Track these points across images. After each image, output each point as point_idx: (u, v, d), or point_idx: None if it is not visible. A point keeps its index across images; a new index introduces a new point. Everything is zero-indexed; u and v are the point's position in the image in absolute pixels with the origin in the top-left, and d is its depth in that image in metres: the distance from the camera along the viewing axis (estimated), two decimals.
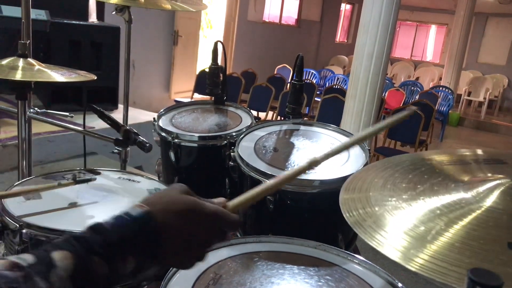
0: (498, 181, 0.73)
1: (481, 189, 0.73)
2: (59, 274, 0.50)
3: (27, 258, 0.51)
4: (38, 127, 3.06)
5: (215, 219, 0.65)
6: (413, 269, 0.59)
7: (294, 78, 1.44)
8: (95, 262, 0.53)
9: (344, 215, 0.76)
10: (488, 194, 0.71)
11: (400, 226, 0.68)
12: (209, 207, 0.65)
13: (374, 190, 0.82)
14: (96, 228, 0.58)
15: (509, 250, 0.59)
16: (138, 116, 4.11)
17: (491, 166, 0.81)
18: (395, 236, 0.66)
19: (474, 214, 0.67)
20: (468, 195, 0.72)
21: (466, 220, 0.66)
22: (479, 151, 0.89)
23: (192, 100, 6.68)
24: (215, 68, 1.60)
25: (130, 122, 2.04)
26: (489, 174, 0.76)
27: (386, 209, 0.74)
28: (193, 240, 0.63)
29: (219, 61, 1.63)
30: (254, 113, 5.95)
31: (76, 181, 1.17)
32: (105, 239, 0.56)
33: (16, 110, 1.51)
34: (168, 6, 1.63)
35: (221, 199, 0.71)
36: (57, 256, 0.52)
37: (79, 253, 0.53)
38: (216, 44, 1.59)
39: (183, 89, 7.38)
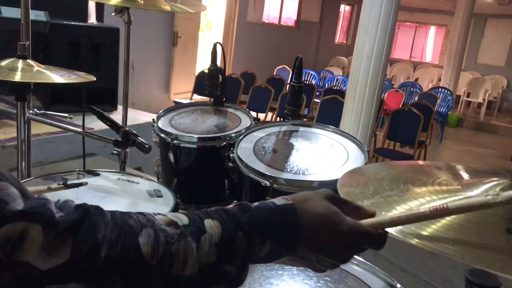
0: (497, 182, 0.74)
1: (481, 187, 0.74)
2: (208, 239, 0.55)
3: (182, 219, 0.56)
4: (37, 128, 3.07)
5: (354, 235, 0.62)
6: (413, 243, 0.60)
7: (293, 80, 1.44)
8: (239, 237, 0.57)
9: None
10: (487, 190, 0.72)
11: (400, 208, 0.69)
12: (348, 222, 0.62)
13: (373, 184, 0.83)
14: (243, 206, 0.61)
15: (508, 235, 0.60)
16: (138, 117, 4.11)
17: (488, 174, 0.83)
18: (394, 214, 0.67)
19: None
20: (468, 191, 0.73)
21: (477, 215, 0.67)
22: (473, 165, 0.91)
23: (192, 101, 6.68)
24: (214, 70, 1.61)
25: (129, 123, 2.04)
26: (486, 179, 0.77)
27: (386, 197, 0.74)
28: (331, 250, 0.62)
29: (218, 63, 1.63)
30: (254, 114, 5.90)
31: (67, 186, 1.17)
32: (251, 218, 0.59)
33: (16, 111, 1.51)
34: (168, 8, 1.63)
35: (370, 212, 0.67)
36: (208, 223, 0.57)
37: (228, 225, 0.57)
38: (215, 45, 1.59)
39: (182, 90, 7.38)
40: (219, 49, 1.59)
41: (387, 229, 0.63)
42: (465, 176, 0.84)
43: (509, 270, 0.53)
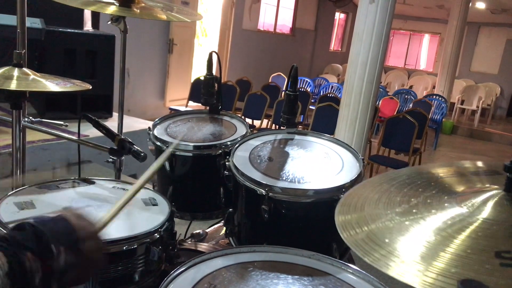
0: (492, 192, 0.74)
1: (474, 201, 0.74)
2: None
3: None
4: (32, 135, 3.05)
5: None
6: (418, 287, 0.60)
7: (288, 89, 1.45)
8: (28, 258, 0.56)
9: (342, 236, 0.76)
10: (481, 206, 0.72)
11: (394, 241, 0.69)
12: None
13: (369, 206, 0.82)
14: (20, 226, 0.62)
15: (496, 259, 0.60)
16: (133, 124, 4.11)
17: (488, 177, 0.83)
18: (389, 252, 0.67)
19: (467, 230, 0.68)
20: (460, 208, 0.73)
21: (459, 236, 0.67)
22: (479, 163, 0.90)
23: (187, 108, 6.68)
24: (210, 78, 1.61)
25: (124, 130, 2.04)
26: (487, 185, 0.77)
27: (380, 225, 0.74)
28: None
29: (214, 71, 1.64)
30: (249, 121, 5.91)
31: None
32: (33, 233, 0.60)
33: (10, 118, 1.50)
34: (164, 17, 1.64)
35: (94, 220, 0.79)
36: None
37: (11, 251, 0.56)
38: (211, 54, 1.60)
39: (178, 97, 7.38)
40: (214, 58, 1.60)
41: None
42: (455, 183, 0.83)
43: None
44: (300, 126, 6.50)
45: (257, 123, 6.53)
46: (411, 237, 0.69)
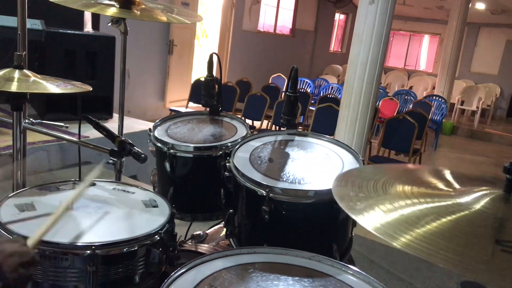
0: (489, 191, 0.75)
1: (473, 196, 0.75)
2: None
3: None
4: (32, 136, 3.05)
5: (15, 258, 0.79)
6: (398, 246, 0.61)
7: (288, 90, 1.45)
8: None
9: (337, 201, 0.77)
10: (478, 199, 0.73)
11: (391, 213, 0.70)
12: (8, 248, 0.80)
13: (366, 186, 0.83)
14: None
15: (496, 245, 0.61)
16: (133, 125, 4.11)
17: (481, 182, 0.83)
18: (384, 218, 0.68)
19: (463, 213, 0.69)
20: (459, 199, 0.74)
21: (455, 216, 0.68)
22: (470, 173, 0.91)
23: (187, 108, 6.69)
24: (210, 80, 1.62)
25: (125, 131, 2.04)
26: (478, 187, 0.78)
27: (377, 200, 0.75)
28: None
29: (214, 73, 1.64)
30: (249, 121, 5.91)
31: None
32: None
33: (11, 120, 1.51)
34: (164, 18, 1.64)
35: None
36: None
37: None
38: (211, 56, 1.60)
39: (178, 98, 7.39)
40: (215, 59, 1.60)
41: None
42: (456, 182, 0.84)
43: (494, 283, 0.54)
44: (300, 127, 6.50)
45: (257, 124, 6.53)
46: (409, 212, 0.70)
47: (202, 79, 1.65)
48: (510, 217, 0.67)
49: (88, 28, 4.34)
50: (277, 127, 6.11)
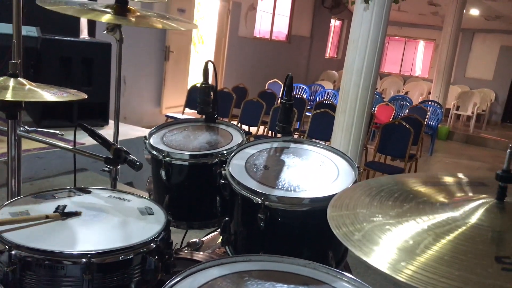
0: (482, 200, 0.75)
1: (466, 207, 0.75)
2: None
3: None
4: (27, 144, 3.04)
5: None
6: (403, 280, 0.61)
7: (284, 97, 1.45)
8: None
9: (333, 230, 0.77)
10: (473, 211, 0.73)
11: (389, 240, 0.70)
12: None
13: (361, 207, 0.83)
14: None
15: (496, 263, 0.61)
16: (129, 131, 4.10)
17: (473, 188, 0.83)
18: (383, 249, 0.68)
19: (460, 230, 0.69)
20: (454, 212, 0.74)
21: (453, 235, 0.68)
22: (461, 175, 0.91)
23: (183, 115, 6.69)
24: (206, 87, 1.62)
25: (120, 138, 2.03)
26: (471, 194, 0.78)
27: (374, 225, 0.75)
28: None
29: (210, 80, 1.64)
30: (245, 127, 5.89)
31: (62, 214, 1.18)
32: None
33: (6, 128, 1.50)
34: (160, 25, 1.65)
35: None
36: None
37: None
38: (207, 63, 1.61)
39: (174, 104, 7.39)
40: (210, 67, 1.61)
41: None
42: (449, 190, 0.85)
43: None
44: (296, 133, 6.51)
45: (253, 129, 6.53)
46: (405, 236, 0.69)
47: (198, 85, 1.66)
48: (506, 229, 0.68)
49: (84, 35, 4.34)
50: (274, 133, 6.11)
